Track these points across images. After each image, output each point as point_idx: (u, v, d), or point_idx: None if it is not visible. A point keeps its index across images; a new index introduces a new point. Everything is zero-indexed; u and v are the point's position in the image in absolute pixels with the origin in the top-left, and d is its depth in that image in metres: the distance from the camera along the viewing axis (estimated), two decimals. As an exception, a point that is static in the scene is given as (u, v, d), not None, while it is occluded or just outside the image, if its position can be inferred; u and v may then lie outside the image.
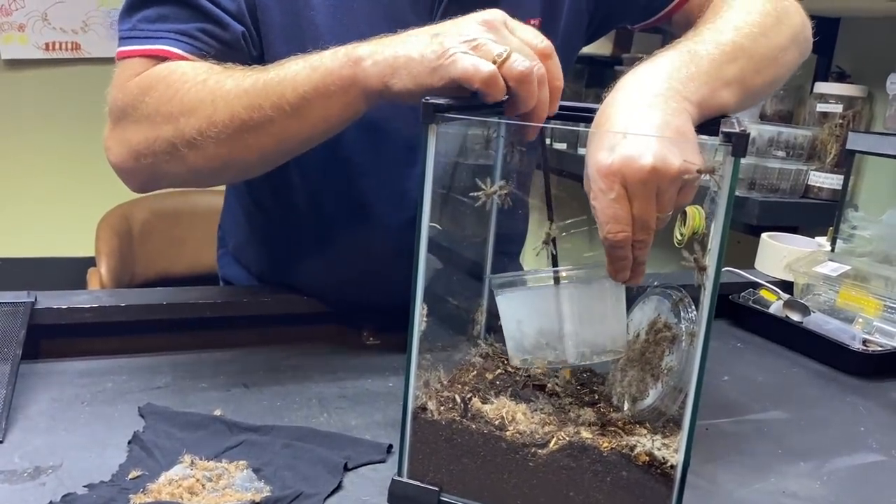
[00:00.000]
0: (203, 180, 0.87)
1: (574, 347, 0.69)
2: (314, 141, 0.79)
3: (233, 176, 0.89)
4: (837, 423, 0.89)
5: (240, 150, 0.78)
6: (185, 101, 0.77)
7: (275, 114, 0.74)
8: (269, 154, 0.80)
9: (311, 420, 0.78)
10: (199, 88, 0.77)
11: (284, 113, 0.74)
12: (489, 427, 0.63)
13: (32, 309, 0.85)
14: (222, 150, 0.77)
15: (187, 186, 0.88)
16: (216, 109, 0.75)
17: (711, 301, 0.53)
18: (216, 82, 0.77)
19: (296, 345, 0.97)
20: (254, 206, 1.02)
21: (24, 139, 2.53)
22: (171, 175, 0.83)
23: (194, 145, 0.77)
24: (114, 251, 1.87)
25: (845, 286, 1.16)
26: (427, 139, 0.58)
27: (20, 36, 2.42)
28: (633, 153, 0.58)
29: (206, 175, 0.83)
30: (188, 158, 0.79)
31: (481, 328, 0.83)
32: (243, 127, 0.75)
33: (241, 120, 0.75)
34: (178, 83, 0.78)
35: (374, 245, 0.95)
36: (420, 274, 0.61)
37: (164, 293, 0.94)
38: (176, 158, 0.79)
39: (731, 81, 0.72)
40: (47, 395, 0.79)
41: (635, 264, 0.63)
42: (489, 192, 0.66)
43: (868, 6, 1.37)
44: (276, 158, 0.82)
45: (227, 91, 0.76)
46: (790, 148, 1.49)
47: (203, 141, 0.77)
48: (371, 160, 0.91)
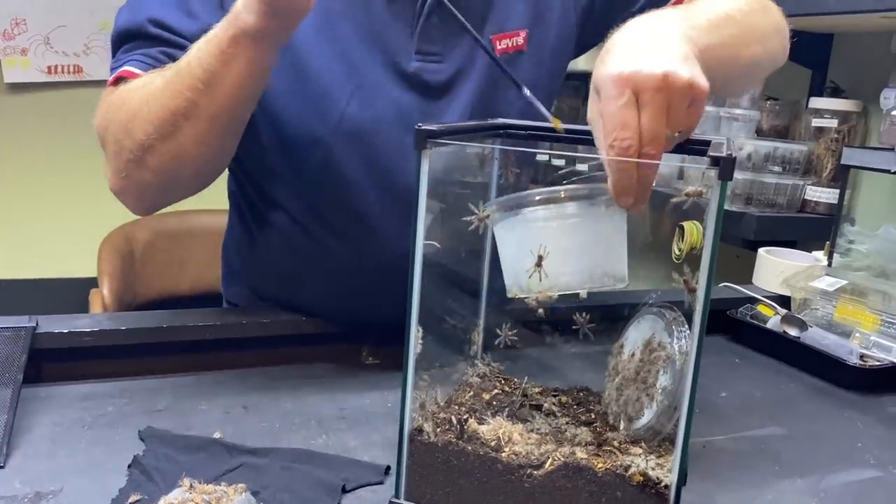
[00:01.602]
0: (178, 184, 0.89)
1: (571, 275, 0.66)
2: (243, 108, 0.82)
3: (199, 170, 0.88)
4: (835, 438, 0.89)
5: (184, 141, 0.81)
6: (130, 109, 0.82)
7: (194, 95, 0.77)
8: (212, 137, 0.82)
9: (309, 441, 0.78)
10: (140, 94, 0.82)
11: (200, 91, 0.77)
12: (485, 448, 0.63)
13: (34, 334, 0.86)
14: (170, 145, 0.81)
15: (175, 195, 0.91)
16: (150, 108, 0.80)
17: (702, 323, 0.54)
18: (150, 82, 0.82)
19: (295, 365, 0.98)
20: (253, 224, 1.04)
21: (26, 161, 2.55)
22: (149, 186, 0.86)
23: (147, 147, 0.81)
24: (116, 272, 1.88)
25: (842, 301, 1.17)
26: (419, 164, 0.59)
27: (23, 60, 2.44)
28: (645, 63, 0.58)
29: (173, 176, 0.86)
30: (149, 163, 0.83)
31: (478, 348, 0.84)
32: (175, 117, 0.79)
33: (170, 111, 0.79)
34: (127, 95, 0.83)
35: (374, 255, 0.95)
36: (415, 297, 0.61)
37: (163, 316, 0.95)
38: (141, 166, 0.83)
39: (725, 43, 0.74)
40: (49, 418, 0.80)
41: (640, 187, 0.60)
42: (482, 216, 0.67)
43: (860, 22, 1.38)
44: (224, 140, 0.84)
45: (156, 88, 0.80)
46: (786, 163, 1.50)
47: (151, 141, 0.81)
48: (361, 168, 0.92)
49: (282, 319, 0.99)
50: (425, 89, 0.92)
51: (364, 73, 0.90)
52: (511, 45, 0.95)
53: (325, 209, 0.95)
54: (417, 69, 0.91)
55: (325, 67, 0.89)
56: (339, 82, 0.89)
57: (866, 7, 1.23)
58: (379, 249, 0.95)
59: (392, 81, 0.91)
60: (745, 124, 1.55)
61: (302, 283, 1.00)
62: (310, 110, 0.89)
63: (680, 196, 0.53)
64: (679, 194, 0.53)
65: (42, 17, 2.45)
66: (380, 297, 0.92)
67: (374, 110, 0.90)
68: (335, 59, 0.89)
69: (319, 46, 0.89)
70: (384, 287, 0.90)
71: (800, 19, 1.45)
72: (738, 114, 1.55)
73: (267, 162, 0.96)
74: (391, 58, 0.91)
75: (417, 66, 0.91)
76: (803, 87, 1.63)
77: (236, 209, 1.07)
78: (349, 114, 0.89)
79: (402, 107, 0.91)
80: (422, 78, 0.92)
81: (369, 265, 0.96)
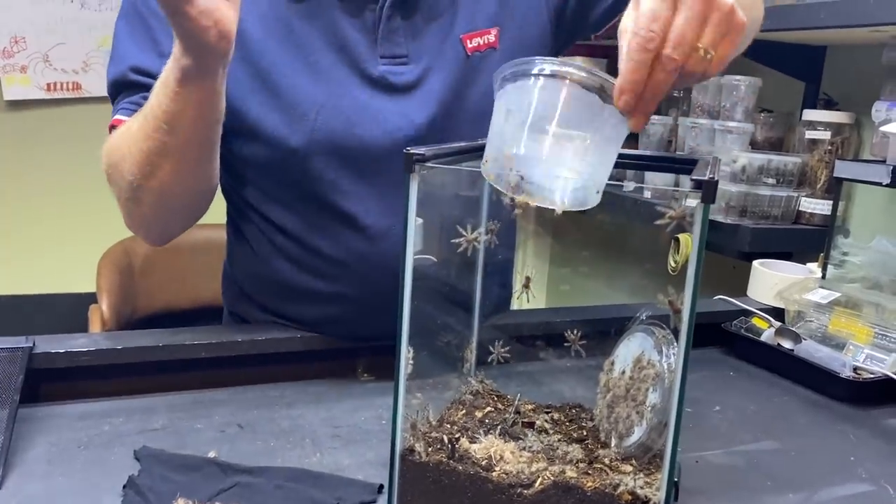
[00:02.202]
0: (174, 214, 0.95)
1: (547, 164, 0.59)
2: (208, 136, 0.86)
3: (188, 199, 0.93)
4: (828, 452, 0.90)
5: (164, 177, 0.86)
6: (119, 154, 0.88)
7: (161, 135, 0.82)
8: (188, 168, 0.87)
9: (304, 460, 0.79)
10: (123, 139, 0.88)
11: (166, 131, 0.82)
12: (476, 468, 0.64)
13: (31, 354, 0.86)
14: (154, 182, 0.86)
15: (177, 226, 0.98)
16: (131, 152, 0.86)
17: (687, 344, 0.55)
18: (129, 127, 0.88)
19: (290, 382, 0.98)
20: (246, 236, 1.06)
21: (26, 177, 2.56)
22: (150, 221, 0.94)
23: (136, 187, 0.87)
24: (115, 287, 1.88)
25: (836, 313, 1.17)
26: (408, 187, 0.59)
27: (22, 77, 2.46)
28: None
29: (166, 209, 0.92)
30: (143, 200, 0.89)
31: (471, 365, 0.85)
32: (150, 157, 0.84)
33: (145, 153, 0.84)
34: (115, 142, 0.90)
35: (367, 256, 0.97)
36: (405, 317, 0.62)
37: (159, 335, 0.96)
38: (138, 204, 0.90)
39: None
40: (45, 439, 0.80)
41: (647, 96, 0.58)
42: (470, 238, 0.67)
43: (852, 35, 1.39)
44: (200, 167, 0.89)
45: (133, 132, 0.86)
46: (780, 175, 1.51)
47: (137, 181, 0.87)
48: (341, 172, 0.95)
49: (277, 337, 1.00)
50: (393, 90, 0.95)
51: (331, 81, 0.93)
52: (483, 43, 0.97)
53: (313, 216, 0.98)
54: (384, 73, 0.94)
55: (292, 80, 0.92)
56: (308, 92, 0.92)
57: (856, 21, 1.24)
58: (372, 250, 0.97)
59: (359, 87, 0.94)
60: (739, 136, 1.56)
61: (299, 293, 1.01)
62: (284, 123, 0.93)
63: (664, 219, 0.53)
64: (663, 217, 0.54)
65: (41, 34, 2.47)
66: (376, 302, 0.94)
67: (344, 116, 0.93)
68: (302, 71, 0.93)
69: (286, 60, 0.92)
70: (380, 289, 0.93)
71: (793, 33, 1.46)
72: (732, 126, 1.56)
73: (250, 176, 0.99)
74: (357, 64, 0.94)
75: (384, 70, 0.94)
76: (797, 100, 1.64)
77: (231, 223, 1.09)
78: (321, 122, 0.92)
79: (371, 109, 0.94)
80: (389, 80, 0.94)
81: (364, 267, 0.98)
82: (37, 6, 2.44)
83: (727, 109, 1.60)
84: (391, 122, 0.94)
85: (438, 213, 0.73)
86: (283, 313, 1.04)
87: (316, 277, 0.99)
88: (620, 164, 0.68)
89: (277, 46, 0.92)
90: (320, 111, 0.92)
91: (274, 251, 1.01)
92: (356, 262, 0.97)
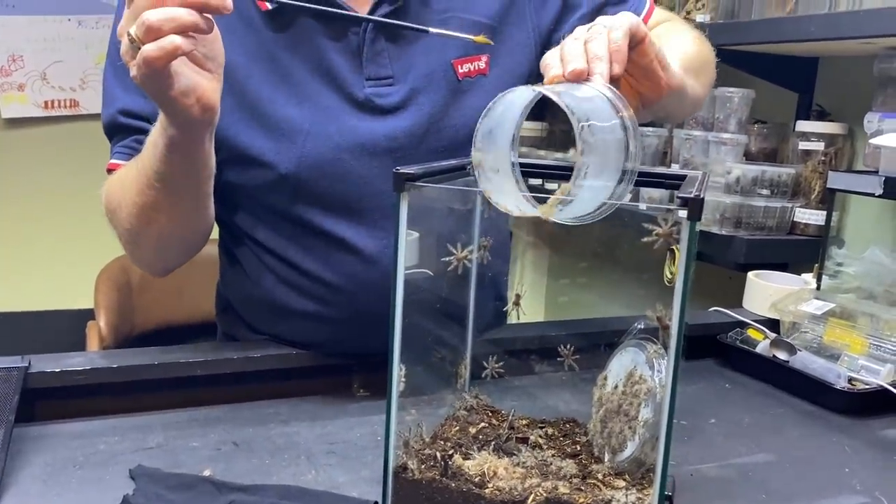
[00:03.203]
0: (174, 252, 1.00)
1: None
2: (200, 188, 0.89)
3: (186, 239, 0.98)
4: (822, 464, 0.90)
5: (161, 226, 0.91)
6: (115, 201, 0.93)
7: (153, 192, 0.86)
8: (183, 217, 0.92)
9: (299, 478, 0.79)
10: (118, 187, 0.93)
11: (158, 189, 0.85)
12: (468, 485, 0.64)
13: (26, 374, 0.87)
14: (151, 230, 0.91)
15: (177, 261, 1.02)
16: (126, 202, 0.90)
17: (675, 360, 0.55)
18: (124, 176, 0.92)
19: (286, 399, 0.99)
20: (239, 260, 1.06)
21: (24, 194, 2.57)
22: (151, 259, 1.01)
23: (134, 234, 0.93)
24: (112, 303, 1.89)
25: (831, 324, 1.18)
26: (399, 206, 0.60)
27: (20, 95, 2.48)
28: None
29: (166, 250, 0.98)
30: (142, 242, 0.95)
31: (465, 381, 0.85)
32: (144, 210, 0.89)
33: (139, 206, 0.89)
34: (111, 188, 0.95)
35: (359, 276, 0.98)
36: (396, 336, 0.62)
37: (154, 353, 0.96)
38: (137, 246, 0.96)
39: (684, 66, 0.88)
40: (41, 458, 0.81)
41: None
42: (460, 256, 0.68)
43: (843, 47, 1.40)
44: (196, 213, 0.93)
45: (128, 183, 0.90)
46: (775, 186, 1.51)
47: (135, 229, 0.92)
48: (330, 196, 0.96)
49: (272, 354, 1.00)
50: (380, 112, 0.96)
51: (318, 106, 0.94)
52: (473, 69, 0.99)
53: (305, 240, 0.98)
54: (370, 94, 0.95)
55: (279, 108, 0.94)
56: (295, 119, 0.94)
57: (846, 34, 1.25)
58: (366, 272, 0.97)
59: (346, 111, 0.95)
60: (733, 148, 1.57)
61: (293, 315, 1.02)
62: (272, 149, 0.94)
63: (651, 237, 0.54)
64: (650, 234, 0.54)
65: (38, 53, 2.49)
66: (372, 322, 0.94)
67: (332, 140, 0.94)
68: (288, 99, 0.94)
69: (271, 89, 0.94)
70: (375, 310, 0.93)
71: (785, 45, 1.47)
72: (725, 138, 1.57)
73: (241, 202, 1.01)
74: (343, 88, 0.95)
75: (370, 92, 0.95)
76: (790, 111, 1.65)
77: (223, 246, 1.10)
78: (309, 147, 0.93)
79: (359, 132, 0.95)
80: (375, 102, 0.95)
81: (358, 289, 0.98)
82: (34, 25, 2.46)
83: (721, 121, 1.61)
84: (379, 144, 0.95)
85: (434, 228, 0.74)
86: (277, 334, 1.04)
87: (310, 300, 0.99)
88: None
89: (263, 76, 0.93)
90: (308, 137, 0.93)
91: (266, 274, 1.01)
92: (350, 284, 0.97)
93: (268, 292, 1.02)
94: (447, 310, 0.86)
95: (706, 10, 1.64)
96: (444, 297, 0.94)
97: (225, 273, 1.13)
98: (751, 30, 1.48)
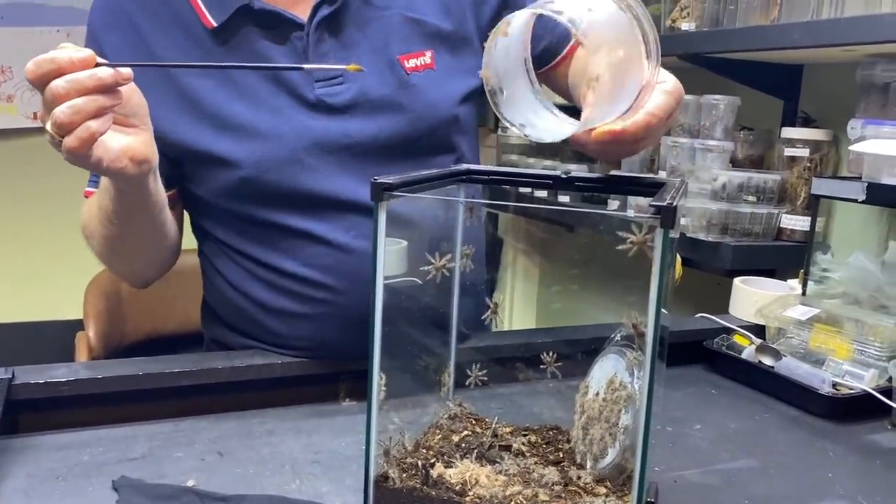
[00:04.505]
0: (148, 269, 1.08)
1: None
2: (158, 221, 0.96)
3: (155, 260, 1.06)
4: (806, 469, 0.90)
5: (127, 255, 1.01)
6: (86, 228, 1.01)
7: (113, 227, 0.93)
8: (146, 244, 1.00)
9: (283, 488, 0.79)
10: (88, 216, 1.00)
11: (116, 225, 0.92)
12: (449, 493, 0.64)
13: (10, 385, 0.86)
14: (118, 256, 1.02)
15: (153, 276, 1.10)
16: (94, 232, 0.98)
17: (651, 369, 0.55)
18: (91, 206, 0.99)
19: (271, 409, 0.98)
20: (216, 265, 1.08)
21: (13, 205, 2.57)
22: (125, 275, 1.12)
23: (105, 256, 1.01)
24: (102, 314, 1.88)
25: (816, 330, 1.18)
26: (377, 217, 0.60)
27: (9, 107, 2.49)
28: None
29: (140, 268, 1.07)
30: (115, 266, 1.06)
31: (449, 389, 0.85)
32: (109, 241, 0.97)
33: (104, 237, 0.96)
34: (85, 216, 1.02)
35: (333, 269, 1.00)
36: (376, 345, 0.63)
37: (139, 363, 0.96)
38: (111, 265, 1.06)
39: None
40: (24, 470, 0.80)
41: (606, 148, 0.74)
42: (438, 265, 0.68)
43: (826, 54, 1.41)
44: (159, 236, 1.00)
45: (93, 215, 0.97)
46: (760, 192, 1.52)
47: (105, 254, 1.00)
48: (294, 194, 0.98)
49: (258, 363, 1.00)
50: (333, 111, 0.98)
51: (272, 107, 0.97)
52: (420, 65, 1.01)
53: (274, 238, 1.01)
54: (320, 95, 0.98)
55: (237, 114, 0.97)
56: (252, 122, 0.96)
57: (828, 41, 1.26)
58: (338, 262, 1.00)
59: (300, 112, 0.98)
60: (720, 155, 1.58)
61: (275, 316, 1.03)
62: (232, 154, 0.97)
63: (625, 244, 0.54)
64: (625, 242, 0.54)
65: (27, 64, 2.49)
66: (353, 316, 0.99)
67: (288, 141, 0.97)
68: (244, 105, 0.97)
69: (226, 97, 0.97)
70: (354, 302, 0.98)
71: (770, 52, 1.48)
72: (712, 145, 1.58)
73: (210, 208, 1.04)
74: (294, 91, 0.97)
75: (321, 93, 0.98)
76: (776, 117, 1.66)
77: (202, 255, 1.13)
78: (266, 150, 0.96)
79: (314, 131, 0.97)
80: (327, 102, 0.98)
81: (333, 280, 1.00)
82: (23, 36, 2.47)
83: (707, 128, 1.62)
84: (336, 142, 0.98)
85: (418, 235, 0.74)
86: (263, 338, 1.05)
87: (288, 297, 1.02)
88: (584, 188, 0.70)
89: (215, 88, 0.97)
90: (265, 139, 0.96)
91: (243, 277, 1.04)
92: (325, 277, 1.00)
93: (246, 295, 1.04)
94: (432, 317, 0.87)
95: (691, 19, 1.65)
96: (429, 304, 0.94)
97: (206, 280, 1.14)
98: (735, 37, 1.50)
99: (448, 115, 1.03)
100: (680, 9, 1.69)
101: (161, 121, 0.95)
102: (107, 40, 0.99)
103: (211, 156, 0.97)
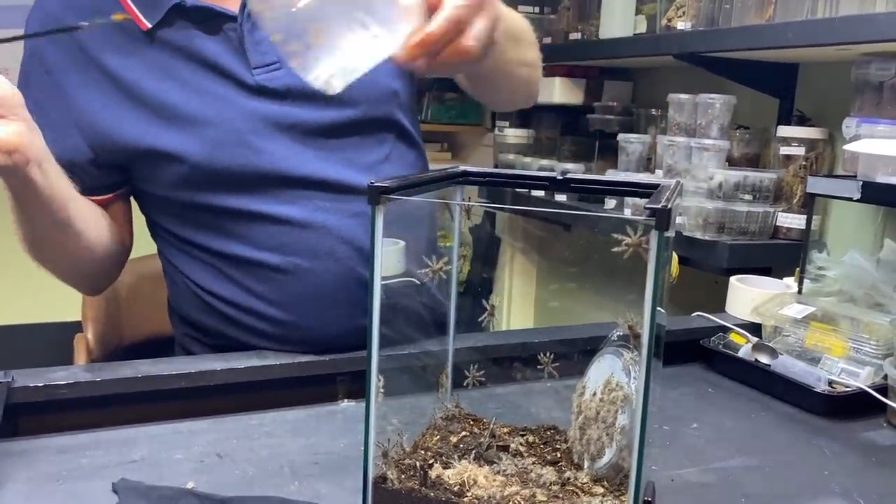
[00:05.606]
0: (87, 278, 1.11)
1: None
2: (62, 215, 0.94)
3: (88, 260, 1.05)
4: (802, 467, 0.91)
5: (47, 252, 1.02)
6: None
7: (22, 227, 0.95)
8: (60, 243, 0.99)
9: (281, 489, 0.79)
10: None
11: (23, 221, 0.95)
12: (447, 494, 0.64)
13: (9, 388, 0.87)
14: (42, 258, 1.02)
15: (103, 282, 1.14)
16: (18, 230, 0.99)
17: (647, 369, 0.56)
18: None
19: (270, 410, 0.99)
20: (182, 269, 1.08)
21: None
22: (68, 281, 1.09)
23: (36, 259, 1.02)
24: (100, 316, 1.88)
25: (812, 328, 1.19)
26: (374, 220, 0.61)
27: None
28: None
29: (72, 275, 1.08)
30: (47, 268, 1.04)
31: (447, 390, 0.85)
32: (27, 242, 0.98)
33: (22, 238, 0.98)
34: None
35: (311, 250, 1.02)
36: (374, 348, 0.63)
37: (138, 366, 0.96)
38: (50, 272, 1.05)
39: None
40: (23, 474, 0.81)
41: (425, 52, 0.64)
42: (435, 268, 0.69)
43: (821, 53, 1.42)
44: (75, 236, 0.98)
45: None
46: (756, 191, 1.53)
47: (31, 255, 1.01)
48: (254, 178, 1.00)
49: (256, 365, 1.00)
50: (276, 95, 1.00)
51: (217, 96, 0.99)
52: None
53: (231, 224, 1.02)
54: (261, 81, 1.00)
55: (181, 106, 0.98)
56: (197, 111, 0.98)
57: (823, 40, 1.27)
58: (296, 239, 1.01)
59: (243, 97, 1.00)
60: (716, 153, 1.59)
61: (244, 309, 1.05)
62: (181, 142, 0.98)
63: (620, 247, 0.55)
64: (620, 244, 0.55)
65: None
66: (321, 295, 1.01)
67: (234, 125, 0.99)
68: (186, 96, 0.98)
69: (169, 89, 0.98)
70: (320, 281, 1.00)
71: (765, 51, 1.49)
72: (708, 143, 1.59)
73: (163, 205, 1.05)
74: (234, 78, 0.99)
75: (261, 79, 1.00)
76: (772, 116, 1.67)
77: (162, 257, 1.14)
78: (214, 135, 0.98)
79: (259, 113, 0.99)
80: (268, 87, 1.00)
81: (294, 256, 1.02)
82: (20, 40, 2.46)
83: (703, 127, 1.63)
84: (281, 122, 1.00)
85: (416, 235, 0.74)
86: (233, 334, 1.07)
87: (256, 283, 1.03)
88: (584, 189, 0.70)
89: (157, 84, 0.98)
90: (210, 125, 0.98)
91: (206, 272, 1.05)
92: (284, 256, 1.01)
93: (212, 291, 1.05)
94: (432, 317, 0.87)
95: (687, 18, 1.65)
96: (427, 305, 0.95)
97: (168, 281, 1.14)
98: (731, 37, 1.50)
99: (387, 90, 1.06)
100: (675, 8, 1.70)
101: (107, 122, 0.98)
102: (48, 50, 1.00)
103: (160, 149, 0.98)
